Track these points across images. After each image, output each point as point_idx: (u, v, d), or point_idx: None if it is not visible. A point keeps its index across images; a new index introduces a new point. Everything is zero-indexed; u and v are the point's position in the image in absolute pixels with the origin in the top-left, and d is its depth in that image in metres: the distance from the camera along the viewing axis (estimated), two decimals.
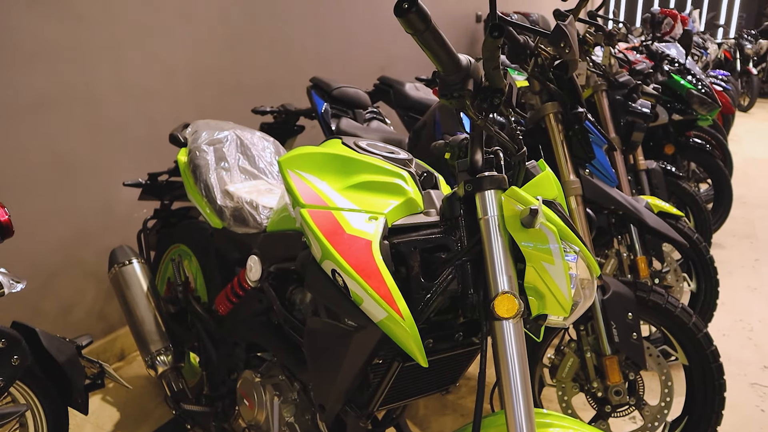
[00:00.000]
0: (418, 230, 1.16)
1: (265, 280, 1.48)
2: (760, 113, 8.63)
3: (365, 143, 1.38)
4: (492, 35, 0.90)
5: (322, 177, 1.26)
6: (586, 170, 1.80)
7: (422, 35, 0.92)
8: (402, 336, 1.04)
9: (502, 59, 1.83)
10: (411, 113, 3.08)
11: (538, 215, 0.99)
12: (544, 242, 1.05)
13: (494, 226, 1.05)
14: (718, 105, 3.54)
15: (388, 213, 1.16)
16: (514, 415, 1.02)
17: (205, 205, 1.77)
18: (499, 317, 1.01)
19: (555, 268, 1.05)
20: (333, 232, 1.13)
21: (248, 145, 1.91)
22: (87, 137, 2.28)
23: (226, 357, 1.66)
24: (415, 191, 1.22)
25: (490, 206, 1.06)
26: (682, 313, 1.73)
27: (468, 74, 0.99)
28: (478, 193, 1.07)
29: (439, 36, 0.92)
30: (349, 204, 1.18)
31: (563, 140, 1.77)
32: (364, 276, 1.06)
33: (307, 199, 1.22)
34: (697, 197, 3.06)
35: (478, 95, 1.03)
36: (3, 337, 1.26)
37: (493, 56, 0.95)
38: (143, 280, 1.86)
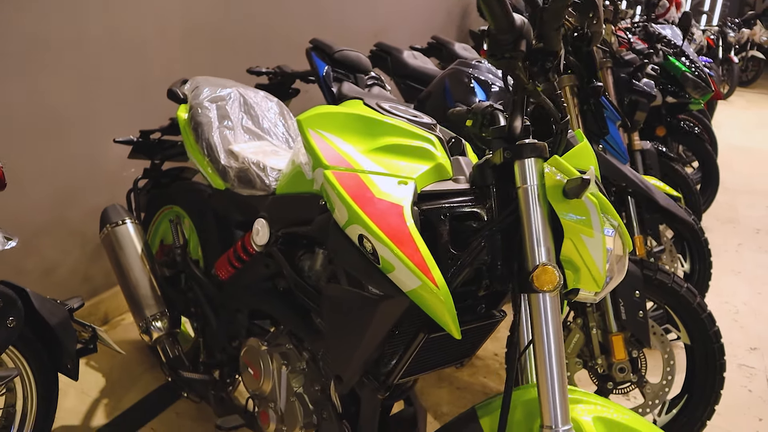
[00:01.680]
0: (448, 197, 1.11)
1: (273, 245, 1.42)
2: (739, 101, 8.77)
3: (388, 105, 1.32)
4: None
5: (346, 138, 1.20)
6: (600, 146, 1.77)
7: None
8: (436, 306, 1.00)
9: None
10: (408, 81, 3.01)
11: (590, 186, 0.95)
12: (585, 214, 1.01)
13: (533, 195, 1.01)
14: (712, 89, 3.55)
15: (417, 178, 1.11)
16: (548, 389, 0.99)
17: (206, 165, 1.69)
18: (538, 290, 0.98)
19: (593, 241, 1.02)
20: (361, 196, 1.08)
21: (252, 104, 1.83)
22: (75, 89, 2.16)
23: (226, 324, 1.60)
24: (444, 157, 1.17)
25: (530, 175, 1.02)
26: (687, 293, 1.73)
27: (521, 35, 0.94)
28: (517, 160, 1.03)
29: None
30: (376, 167, 1.13)
31: (578, 114, 1.73)
32: (396, 242, 1.01)
33: (331, 161, 1.16)
34: (689, 179, 3.07)
35: (528, 57, 0.98)
36: None
37: (558, 16, 0.90)
38: (137, 242, 1.77)
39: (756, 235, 3.69)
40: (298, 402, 1.34)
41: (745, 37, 9.22)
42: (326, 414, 1.30)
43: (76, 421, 1.87)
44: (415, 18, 4.67)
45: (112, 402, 1.97)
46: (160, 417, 1.91)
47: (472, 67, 1.95)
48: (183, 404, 1.96)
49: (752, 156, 5.70)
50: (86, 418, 1.89)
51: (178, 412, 1.93)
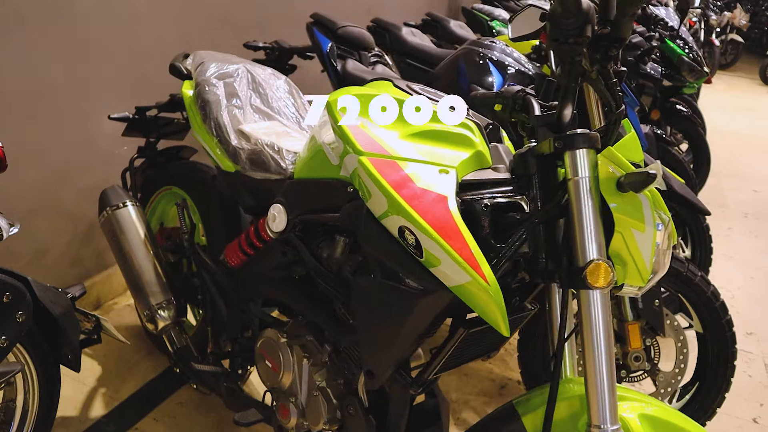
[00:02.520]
0: (489, 187, 1.06)
1: (290, 232, 1.35)
2: (719, 84, 8.86)
3: (418, 87, 1.26)
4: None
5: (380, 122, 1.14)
6: None
7: None
8: (485, 303, 0.95)
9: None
10: (408, 59, 2.93)
11: (657, 180, 0.91)
12: (637, 209, 0.98)
13: (585, 188, 0.97)
14: (707, 73, 3.55)
15: (458, 165, 1.05)
16: (597, 388, 0.96)
17: (215, 146, 1.60)
18: (591, 286, 0.94)
19: (644, 236, 0.99)
20: (402, 185, 1.02)
21: (260, 81, 1.74)
22: (66, 64, 2.04)
23: (238, 313, 1.53)
24: (483, 144, 1.12)
25: (582, 166, 0.97)
26: (701, 282, 1.72)
27: (587, 19, 0.88)
28: (568, 151, 0.98)
29: None
30: (414, 154, 1.07)
31: (598, 99, 1.68)
32: (443, 235, 0.96)
33: (366, 146, 1.09)
34: (685, 163, 3.07)
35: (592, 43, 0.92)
36: (7, 289, 1.09)
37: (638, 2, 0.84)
38: (140, 225, 1.69)
39: (745, 219, 3.74)
40: (322, 396, 1.29)
41: (726, 20, 9.28)
42: (352, 409, 1.25)
43: (73, 412, 1.80)
44: None
45: (110, 391, 1.90)
46: (162, 407, 1.84)
47: (486, 48, 1.88)
48: (185, 393, 1.90)
49: (735, 139, 5.77)
50: (84, 408, 1.82)
51: (180, 401, 1.87)
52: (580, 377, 1.13)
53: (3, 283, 1.09)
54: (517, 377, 2.11)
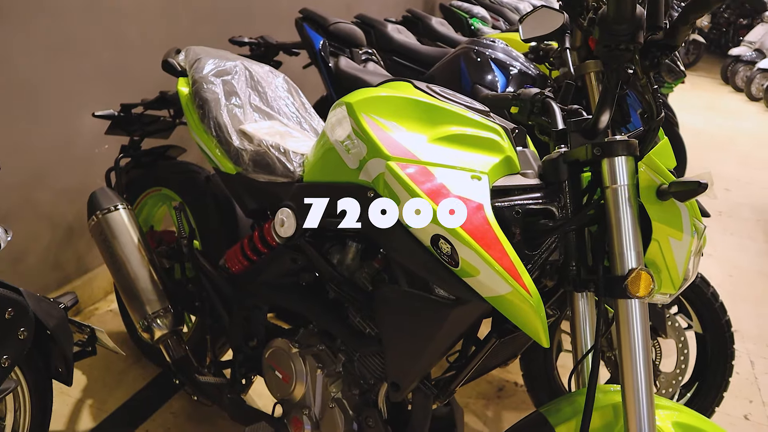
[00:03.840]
0: (521, 193, 1.03)
1: (300, 237, 1.30)
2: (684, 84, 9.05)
3: (438, 89, 1.22)
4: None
5: (405, 125, 1.09)
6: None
7: None
8: (526, 314, 0.92)
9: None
10: (394, 57, 2.89)
11: (708, 190, 0.89)
12: (676, 217, 0.97)
13: (624, 196, 0.95)
14: (684, 74, 3.61)
15: (489, 171, 1.02)
16: (636, 399, 0.94)
17: (214, 147, 1.53)
18: (632, 295, 0.92)
19: (680, 244, 0.98)
20: (437, 192, 0.98)
21: (258, 79, 1.68)
22: (46, 59, 1.93)
23: (241, 322, 1.47)
24: (511, 149, 1.09)
25: (621, 174, 0.95)
26: (701, 283, 1.73)
27: (640, 25, 0.86)
28: (607, 158, 0.96)
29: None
30: (444, 159, 1.03)
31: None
32: (483, 245, 0.92)
33: (394, 151, 1.05)
34: None
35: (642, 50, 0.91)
36: (9, 305, 1.01)
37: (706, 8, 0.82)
38: (132, 230, 1.60)
39: (719, 217, 3.83)
40: (338, 408, 1.24)
41: None
42: (372, 421, 1.21)
43: (59, 427, 1.71)
44: None
45: (97, 402, 1.81)
46: (154, 417, 1.77)
47: (488, 47, 1.86)
48: (177, 403, 1.82)
49: (703, 138, 5.92)
50: (71, 422, 1.73)
51: (173, 411, 1.80)
52: (607, 385, 1.11)
53: (4, 297, 1.00)
54: (514, 379, 2.10)
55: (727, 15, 11.34)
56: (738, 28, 11.02)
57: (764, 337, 2.53)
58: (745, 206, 4.06)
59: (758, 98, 7.76)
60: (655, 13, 0.92)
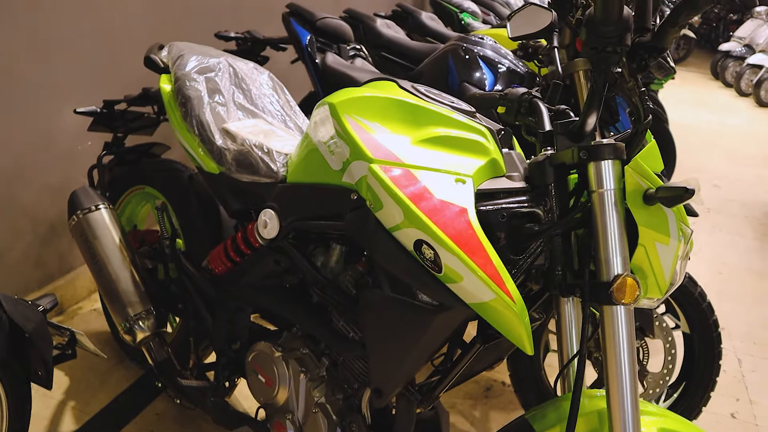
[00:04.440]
0: (506, 197, 1.02)
1: (283, 239, 1.28)
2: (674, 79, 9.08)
3: (423, 88, 1.20)
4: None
5: (389, 126, 1.07)
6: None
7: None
8: (510, 321, 0.91)
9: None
10: (383, 53, 2.86)
11: (696, 195, 0.88)
12: (663, 221, 0.95)
13: (610, 200, 0.93)
14: (674, 70, 3.61)
15: (474, 174, 1.01)
16: (621, 406, 0.93)
17: (197, 145, 1.50)
18: (618, 302, 0.91)
19: (667, 249, 0.96)
20: (419, 195, 0.96)
21: (243, 76, 1.65)
22: (28, 54, 1.89)
23: (225, 324, 1.45)
24: (497, 151, 1.07)
25: (607, 178, 0.94)
26: (689, 283, 1.73)
27: (627, 26, 0.84)
28: (593, 162, 0.94)
29: None
30: (428, 161, 1.01)
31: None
32: (466, 250, 0.91)
33: (377, 153, 1.03)
34: None
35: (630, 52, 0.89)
36: None
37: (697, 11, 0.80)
38: (114, 230, 1.57)
39: (707, 214, 3.83)
40: (321, 413, 1.23)
41: None
42: (355, 426, 1.20)
43: (40, 429, 1.68)
44: None
45: (79, 404, 1.78)
46: (138, 420, 1.74)
47: (476, 44, 1.84)
48: (162, 404, 1.80)
49: (693, 133, 5.93)
50: (52, 424, 1.70)
51: (157, 412, 1.77)
52: (593, 390, 1.10)
53: None
54: (501, 378, 2.09)
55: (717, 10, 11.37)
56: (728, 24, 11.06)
57: (752, 334, 2.54)
58: (733, 203, 4.07)
59: (748, 93, 7.79)
60: (643, 14, 0.90)
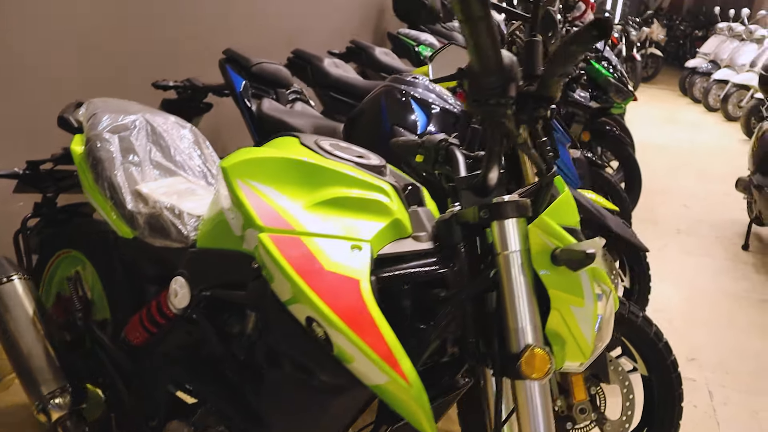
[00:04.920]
0: (410, 260, 0.94)
1: (194, 308, 1.19)
2: (642, 97, 9.16)
3: (328, 143, 1.13)
4: (592, 32, 0.68)
5: (284, 190, 1.00)
6: None
7: (476, 24, 0.68)
8: (406, 404, 0.82)
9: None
10: (332, 93, 2.82)
11: (596, 260, 0.80)
12: (575, 283, 0.88)
13: (516, 263, 0.86)
14: (633, 93, 3.59)
15: (373, 239, 0.93)
16: None
17: (109, 210, 1.42)
18: (529, 377, 0.83)
19: (583, 311, 0.89)
20: (308, 268, 0.88)
21: (161, 132, 1.57)
22: None
23: (142, 399, 1.35)
24: (401, 209, 1.00)
25: (512, 239, 0.86)
26: (644, 323, 1.65)
27: (511, 76, 0.77)
28: (496, 221, 0.87)
29: (492, 26, 0.69)
30: (322, 227, 0.94)
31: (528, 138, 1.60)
32: (356, 329, 0.83)
33: (267, 221, 0.95)
34: (617, 186, 3.07)
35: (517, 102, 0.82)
36: None
37: (572, 60, 0.74)
38: (28, 302, 1.48)
39: (677, 235, 3.78)
40: None
41: (645, 35, 9.66)
42: None
43: None
44: (331, 20, 4.45)
45: None
46: None
47: (409, 85, 1.78)
48: None
49: (663, 153, 5.93)
50: None
51: None
52: None
53: None
54: None
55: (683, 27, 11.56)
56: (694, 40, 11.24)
57: (724, 364, 2.46)
58: (703, 223, 4.03)
59: (715, 108, 7.85)
60: (531, 61, 0.83)
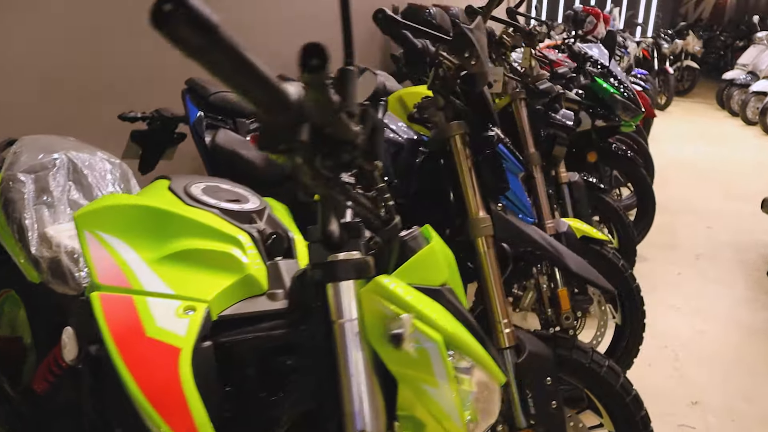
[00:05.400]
0: (257, 323, 0.83)
1: (83, 361, 1.10)
2: (677, 111, 8.80)
3: (203, 186, 1.03)
4: (308, 67, 0.55)
5: (132, 242, 0.90)
6: (500, 204, 1.51)
7: (203, 54, 0.50)
8: None
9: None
10: None
11: (402, 341, 0.68)
12: (423, 359, 0.74)
13: (352, 334, 0.73)
14: (642, 110, 3.39)
15: (213, 299, 0.82)
16: None
17: (18, 252, 1.36)
18: None
19: (439, 390, 0.75)
20: (127, 335, 0.78)
21: (83, 170, 1.51)
22: None
23: None
24: (257, 263, 0.89)
25: (347, 306, 0.74)
26: (609, 374, 1.48)
27: (302, 116, 0.60)
28: (330, 283, 0.75)
29: (237, 53, 0.52)
30: (158, 286, 0.84)
31: (471, 168, 1.46)
32: (160, 407, 0.72)
33: (105, 277, 0.86)
34: (621, 212, 2.87)
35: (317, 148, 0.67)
36: None
37: (323, 97, 0.60)
38: None
39: (696, 261, 3.52)
40: None
41: (679, 48, 9.31)
42: None
43: None
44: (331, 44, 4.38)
45: None
46: None
47: None
48: None
49: (691, 170, 5.62)
50: None
51: None
52: None
53: None
54: None
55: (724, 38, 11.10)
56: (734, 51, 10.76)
57: (729, 408, 2.22)
58: (727, 246, 3.75)
59: (754, 122, 7.44)
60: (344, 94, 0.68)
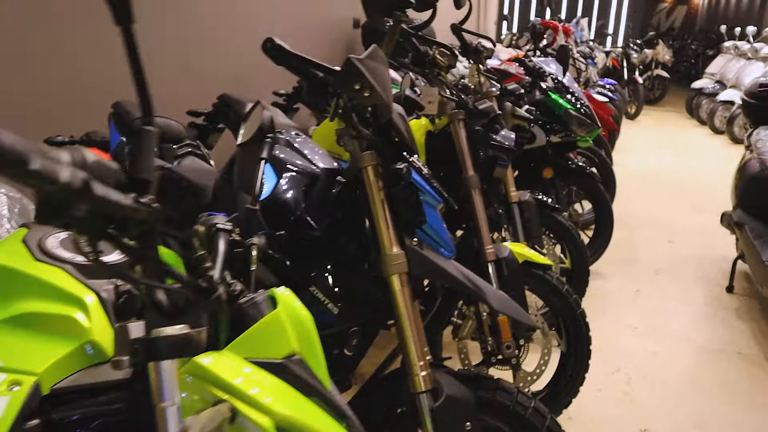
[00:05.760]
0: (95, 396, 0.74)
1: None
2: (646, 120, 8.84)
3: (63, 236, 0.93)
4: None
5: None
6: (415, 239, 1.42)
7: None
8: None
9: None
10: None
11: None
12: None
13: (174, 421, 0.65)
14: (598, 126, 3.34)
15: (45, 370, 0.73)
16: None
17: None
18: None
19: None
20: None
21: None
22: None
23: None
24: (103, 326, 0.80)
25: (166, 387, 0.65)
26: (534, 416, 1.40)
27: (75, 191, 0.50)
28: (152, 363, 0.66)
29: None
30: None
31: (384, 200, 1.38)
32: None
33: None
34: (573, 231, 2.81)
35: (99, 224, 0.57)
36: None
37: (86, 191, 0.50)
38: None
39: (656, 276, 3.48)
40: None
41: (649, 57, 9.37)
42: None
43: None
44: None
45: None
46: None
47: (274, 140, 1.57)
48: None
49: (655, 182, 5.60)
50: None
51: None
52: None
53: None
54: None
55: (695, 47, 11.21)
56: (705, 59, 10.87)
57: None
58: (688, 261, 3.70)
59: (721, 131, 7.49)
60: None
